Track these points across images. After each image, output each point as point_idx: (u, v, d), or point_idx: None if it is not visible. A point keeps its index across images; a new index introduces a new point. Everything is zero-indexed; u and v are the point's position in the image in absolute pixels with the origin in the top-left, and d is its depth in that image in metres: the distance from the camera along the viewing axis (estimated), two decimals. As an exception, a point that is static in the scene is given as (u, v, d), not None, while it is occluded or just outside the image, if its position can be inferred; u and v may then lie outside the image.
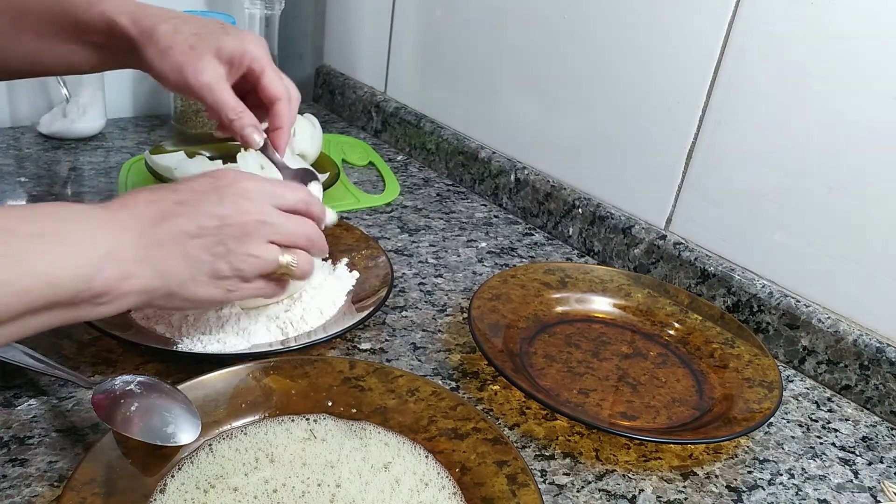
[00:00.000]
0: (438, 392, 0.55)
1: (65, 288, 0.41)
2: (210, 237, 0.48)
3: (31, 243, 0.40)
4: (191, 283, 0.48)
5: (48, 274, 0.40)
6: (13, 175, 0.85)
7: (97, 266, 0.42)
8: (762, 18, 0.69)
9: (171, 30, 0.57)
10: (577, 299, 0.73)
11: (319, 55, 1.26)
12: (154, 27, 0.57)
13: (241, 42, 0.59)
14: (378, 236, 0.84)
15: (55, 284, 0.40)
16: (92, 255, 0.42)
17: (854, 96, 0.64)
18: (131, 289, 0.45)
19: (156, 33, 0.57)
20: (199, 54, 0.57)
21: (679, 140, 0.77)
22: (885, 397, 0.66)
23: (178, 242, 0.47)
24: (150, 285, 0.46)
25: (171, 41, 0.57)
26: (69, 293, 0.41)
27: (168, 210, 0.47)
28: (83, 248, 0.42)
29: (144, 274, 0.45)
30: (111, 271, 0.43)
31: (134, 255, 0.45)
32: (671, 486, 0.54)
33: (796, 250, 0.71)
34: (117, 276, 0.43)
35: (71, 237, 0.42)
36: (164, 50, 0.57)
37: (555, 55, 0.87)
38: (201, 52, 0.57)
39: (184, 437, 0.47)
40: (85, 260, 0.42)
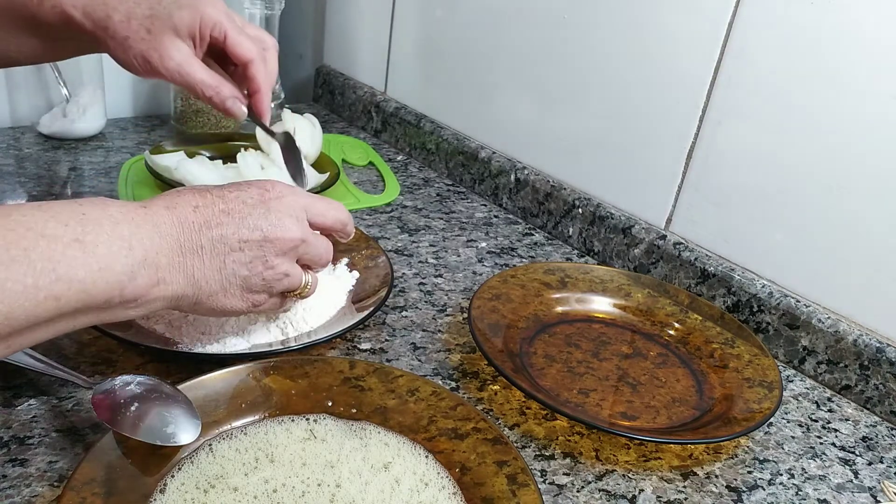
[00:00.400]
0: (438, 392, 0.55)
1: (97, 295, 0.41)
2: (249, 252, 0.49)
3: (70, 250, 0.39)
4: (221, 295, 0.49)
5: (82, 281, 0.40)
6: (13, 175, 0.85)
7: (131, 273, 0.42)
8: (762, 18, 0.69)
9: (125, 18, 0.55)
10: (577, 299, 0.73)
11: (319, 55, 1.26)
12: (108, 17, 0.55)
13: (195, 11, 0.57)
14: (378, 236, 0.84)
15: (87, 292, 0.40)
16: (127, 263, 0.42)
17: (854, 96, 0.64)
18: (162, 294, 0.45)
19: (110, 25, 0.55)
20: (158, 38, 0.55)
21: (679, 140, 0.77)
22: (885, 397, 0.66)
23: (217, 253, 0.47)
24: (181, 292, 0.46)
25: (127, 30, 0.55)
26: (101, 299, 0.41)
27: (213, 218, 0.47)
28: (119, 255, 0.42)
29: (177, 281, 0.46)
30: (144, 278, 0.43)
31: (169, 262, 0.45)
32: (671, 486, 0.54)
33: (796, 250, 0.71)
34: (150, 282, 0.44)
35: (109, 243, 0.41)
36: (122, 42, 0.55)
37: (555, 55, 0.87)
38: (159, 36, 0.55)
39: (184, 437, 0.47)
40: (120, 268, 0.41)
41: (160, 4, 0.56)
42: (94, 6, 0.55)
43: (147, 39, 0.55)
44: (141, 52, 0.55)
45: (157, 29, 0.55)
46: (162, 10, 0.56)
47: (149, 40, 0.55)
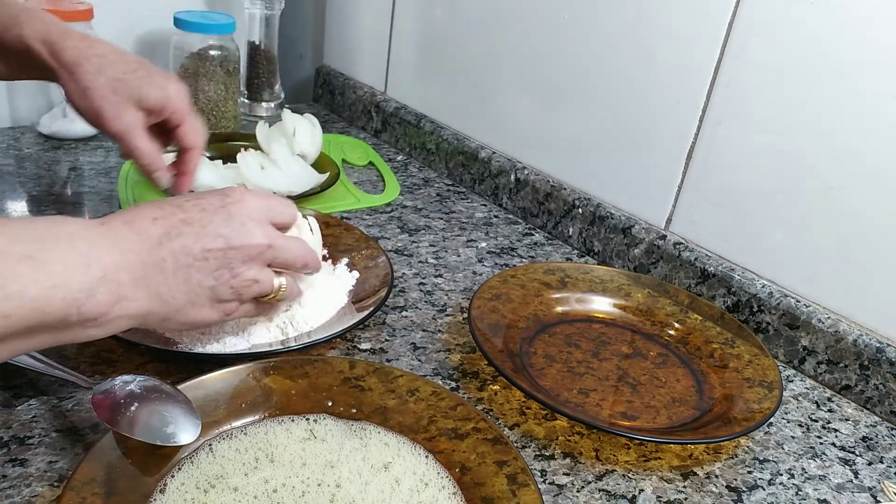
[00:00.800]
0: (438, 392, 0.55)
1: (52, 313, 0.39)
2: (214, 261, 0.47)
3: (21, 266, 0.38)
4: (189, 308, 0.47)
5: (34, 299, 0.38)
6: (13, 175, 0.85)
7: (88, 291, 0.41)
8: (762, 19, 0.69)
9: (95, 70, 0.57)
10: (577, 299, 0.73)
11: (319, 55, 1.26)
12: (76, 64, 0.56)
13: (164, 92, 0.60)
14: (378, 236, 0.84)
15: (41, 310, 0.38)
16: (83, 280, 0.40)
17: (854, 96, 0.64)
18: (125, 313, 0.43)
19: (77, 71, 0.56)
20: (119, 102, 0.57)
21: (679, 140, 0.77)
22: (885, 397, 0.66)
23: (180, 265, 0.46)
24: (145, 309, 0.45)
25: (93, 83, 0.56)
26: (56, 318, 0.40)
27: (173, 229, 0.46)
28: (75, 272, 0.40)
29: (141, 297, 0.44)
30: (104, 295, 0.41)
31: (131, 278, 0.43)
32: (671, 486, 0.54)
33: (796, 250, 0.71)
34: (110, 300, 0.42)
35: (64, 260, 0.40)
36: (83, 90, 0.57)
37: (555, 55, 0.87)
38: (121, 101, 0.58)
39: (184, 437, 0.47)
40: (76, 285, 0.40)
41: (133, 73, 0.58)
42: (62, 46, 0.56)
43: (108, 98, 0.57)
44: (97, 107, 0.57)
45: (123, 94, 0.57)
46: (133, 80, 0.58)
47: (110, 100, 0.57)
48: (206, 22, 0.96)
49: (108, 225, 0.44)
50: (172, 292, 0.46)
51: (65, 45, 0.56)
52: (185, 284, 0.46)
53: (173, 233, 0.46)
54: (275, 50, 1.13)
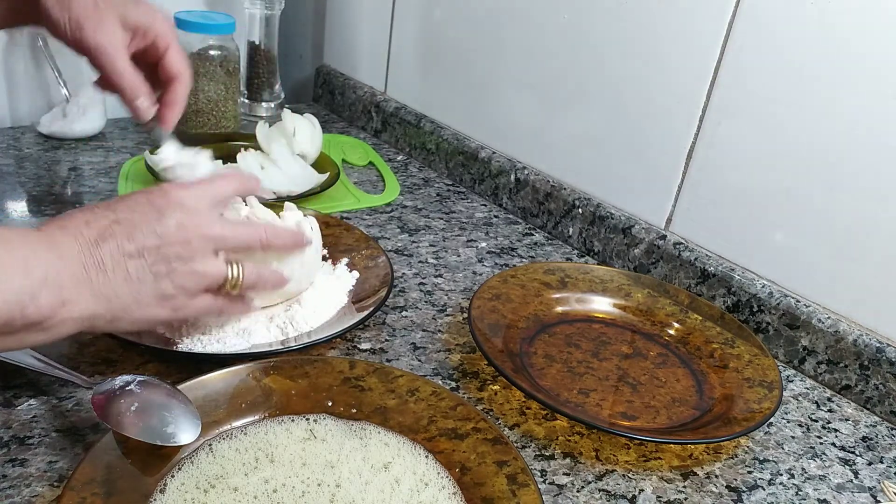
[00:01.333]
0: (438, 392, 0.55)
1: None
2: (150, 257, 0.47)
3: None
4: (135, 307, 0.47)
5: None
6: (13, 175, 0.85)
7: (30, 294, 0.40)
8: (762, 18, 0.69)
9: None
10: (577, 299, 0.73)
11: (319, 55, 1.26)
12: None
13: (150, 16, 0.57)
14: (378, 236, 0.84)
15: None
16: (24, 284, 0.40)
17: (854, 96, 0.64)
18: (70, 315, 0.43)
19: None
20: (103, 15, 0.54)
21: (679, 140, 0.77)
22: (885, 397, 0.66)
23: (118, 264, 0.46)
24: (91, 311, 0.45)
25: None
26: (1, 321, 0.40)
27: (106, 230, 0.46)
28: (15, 276, 0.40)
29: (84, 299, 0.44)
30: (47, 298, 0.41)
31: (72, 280, 0.43)
32: (671, 486, 0.54)
33: (796, 250, 0.71)
34: (54, 302, 0.42)
35: (3, 266, 0.40)
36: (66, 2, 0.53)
37: (555, 55, 0.87)
38: (105, 14, 0.54)
39: (184, 437, 0.47)
40: (17, 288, 0.40)
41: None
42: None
43: (90, 10, 0.54)
44: (77, 17, 0.54)
45: (106, 7, 0.54)
46: None
47: (92, 11, 0.54)
48: (206, 22, 0.96)
49: (44, 231, 0.44)
50: (116, 292, 0.46)
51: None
52: (126, 284, 0.46)
53: (107, 233, 0.46)
54: (275, 50, 1.13)
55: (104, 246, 0.45)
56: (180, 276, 0.48)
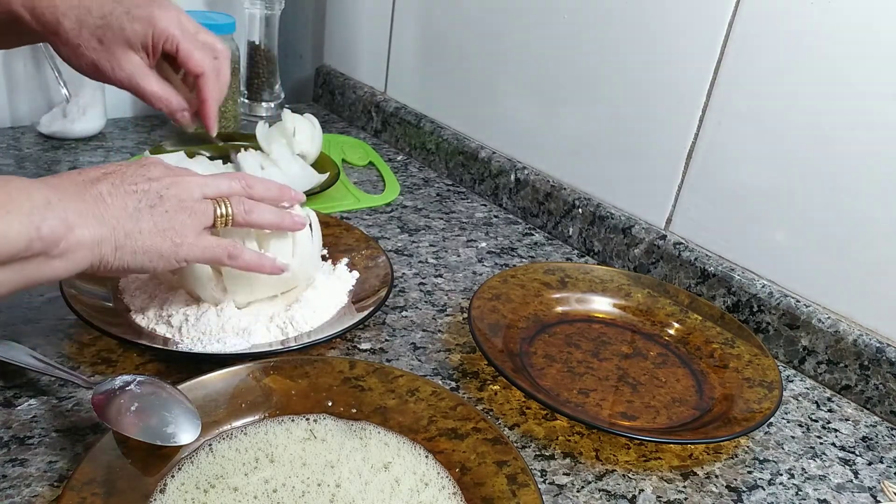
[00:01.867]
0: (438, 392, 0.55)
1: (15, 240, 0.40)
2: (143, 192, 0.49)
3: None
4: (137, 234, 0.48)
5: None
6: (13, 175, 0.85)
7: (41, 215, 0.42)
8: (762, 18, 0.69)
9: (75, 25, 0.54)
10: (577, 299, 0.73)
11: (319, 55, 1.26)
12: (58, 23, 0.54)
13: (147, 22, 0.56)
14: (378, 236, 0.84)
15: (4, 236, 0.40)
16: (31, 206, 0.42)
17: (854, 96, 0.64)
18: (80, 240, 0.44)
19: (61, 30, 0.54)
20: (110, 48, 0.55)
21: (679, 140, 0.77)
22: (885, 397, 0.66)
23: (115, 197, 0.48)
24: (98, 234, 0.46)
25: (78, 38, 0.55)
26: (21, 245, 0.41)
27: (98, 177, 0.48)
28: (22, 203, 0.41)
29: (90, 224, 0.45)
30: (55, 220, 0.43)
31: (76, 208, 0.45)
32: (671, 486, 0.54)
33: (796, 250, 0.71)
34: (63, 225, 0.43)
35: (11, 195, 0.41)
36: (74, 49, 0.55)
37: (555, 55, 0.87)
38: (112, 47, 0.55)
39: (184, 437, 0.47)
40: (28, 211, 0.41)
41: (112, 14, 0.55)
42: (42, 8, 0.54)
43: (98, 49, 0.55)
44: (92, 61, 0.55)
45: (109, 40, 0.55)
46: (114, 21, 0.55)
47: (100, 50, 0.55)
48: (206, 22, 0.96)
49: (41, 181, 0.45)
50: (117, 217, 0.47)
51: (42, 5, 0.54)
52: (125, 212, 0.48)
53: (99, 178, 0.48)
54: (275, 50, 1.13)
55: (99, 185, 0.47)
56: (172, 205, 0.50)
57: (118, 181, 0.48)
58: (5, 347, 0.54)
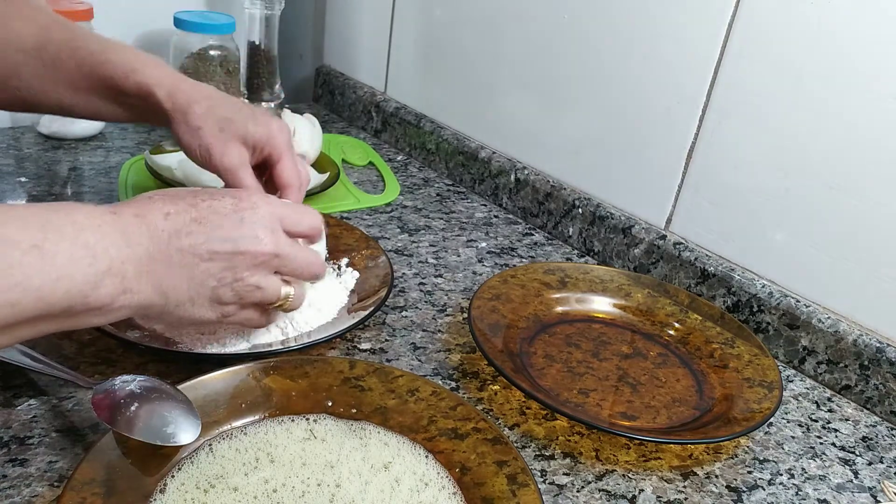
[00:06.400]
0: (438, 392, 0.55)
1: (56, 303, 0.40)
2: (219, 263, 0.48)
3: (29, 256, 0.38)
4: (188, 304, 0.48)
5: (39, 289, 0.38)
6: (13, 175, 0.85)
7: (94, 283, 0.41)
8: (762, 19, 0.69)
9: (205, 112, 0.58)
10: (577, 299, 0.73)
11: (319, 55, 1.26)
12: (189, 105, 0.58)
13: (268, 130, 0.61)
14: (378, 236, 0.84)
15: (46, 300, 0.39)
16: (89, 272, 0.41)
17: (854, 96, 0.64)
18: (128, 303, 0.44)
19: (189, 112, 0.58)
20: (227, 139, 0.59)
21: (679, 140, 0.77)
22: (885, 397, 0.66)
23: (186, 264, 0.47)
24: (147, 301, 0.45)
25: (203, 122, 0.58)
26: (61, 307, 0.40)
27: (183, 228, 0.47)
28: (82, 264, 0.41)
29: (144, 290, 0.45)
30: (109, 287, 0.42)
31: (136, 270, 0.44)
32: (671, 486, 0.54)
33: (796, 250, 0.71)
34: (115, 291, 0.43)
35: (71, 251, 0.40)
36: (194, 129, 0.58)
37: (555, 55, 0.87)
38: (228, 138, 0.59)
39: (184, 437, 0.47)
40: (82, 277, 0.41)
41: (239, 112, 0.60)
42: (178, 90, 0.58)
43: (217, 136, 0.58)
44: (207, 145, 0.58)
45: (230, 131, 0.59)
46: (239, 118, 0.60)
47: (218, 137, 0.58)
48: (206, 22, 0.96)
49: (118, 215, 0.44)
50: (175, 288, 0.46)
51: (180, 89, 0.58)
52: (188, 282, 0.47)
53: (183, 231, 0.46)
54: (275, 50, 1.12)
55: (177, 242, 0.46)
56: (242, 286, 0.50)
57: (200, 240, 0.47)
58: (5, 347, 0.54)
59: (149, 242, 0.45)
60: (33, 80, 0.59)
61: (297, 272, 0.54)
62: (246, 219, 0.49)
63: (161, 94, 0.58)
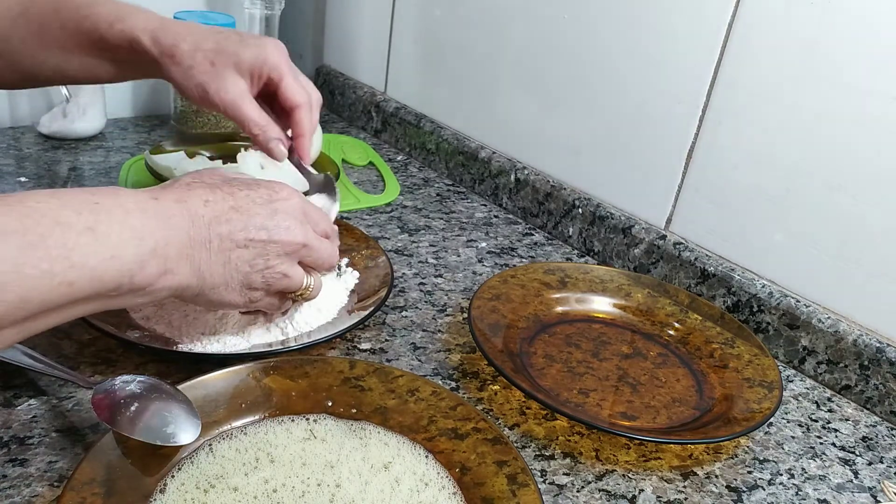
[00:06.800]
0: (438, 392, 0.55)
1: (108, 282, 0.42)
2: (254, 250, 0.50)
3: (84, 238, 0.40)
4: (222, 288, 0.50)
5: (94, 269, 0.41)
6: (13, 175, 0.85)
7: (141, 262, 0.43)
8: (762, 18, 0.69)
9: (192, 48, 0.57)
10: (577, 299, 0.73)
11: (319, 55, 1.26)
12: (175, 45, 0.57)
13: (261, 51, 0.59)
14: (378, 236, 0.84)
15: (99, 279, 0.41)
16: (137, 253, 0.43)
17: (854, 96, 0.64)
18: (169, 284, 0.46)
19: (177, 52, 0.57)
20: (220, 71, 0.58)
21: (679, 140, 0.77)
22: (885, 397, 0.66)
23: (223, 249, 0.49)
24: (186, 282, 0.47)
25: (192, 60, 0.57)
26: (111, 286, 0.42)
27: (222, 215, 0.49)
28: (130, 245, 0.43)
29: (184, 272, 0.47)
30: (153, 267, 0.44)
31: (178, 252, 0.46)
32: (671, 486, 0.54)
33: (796, 250, 0.71)
34: (158, 271, 0.45)
35: (120, 233, 0.42)
36: (186, 69, 0.58)
37: (555, 55, 0.87)
38: (221, 69, 0.58)
39: (184, 437, 0.47)
40: (131, 257, 0.43)
41: (227, 40, 0.59)
42: (163, 33, 0.58)
43: (209, 71, 0.58)
44: (201, 83, 0.58)
45: (221, 62, 0.58)
46: (228, 46, 0.58)
47: (211, 72, 0.58)
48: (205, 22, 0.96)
49: (160, 201, 0.46)
50: (211, 271, 0.48)
51: (164, 32, 0.57)
52: (224, 267, 0.49)
53: (223, 217, 0.49)
54: (275, 50, 1.12)
55: (217, 228, 0.48)
56: (272, 273, 0.52)
57: (238, 227, 0.49)
58: (5, 347, 0.54)
59: (189, 227, 0.47)
60: (23, 48, 0.58)
61: (320, 262, 0.56)
62: (279, 209, 0.51)
63: (146, 39, 0.57)
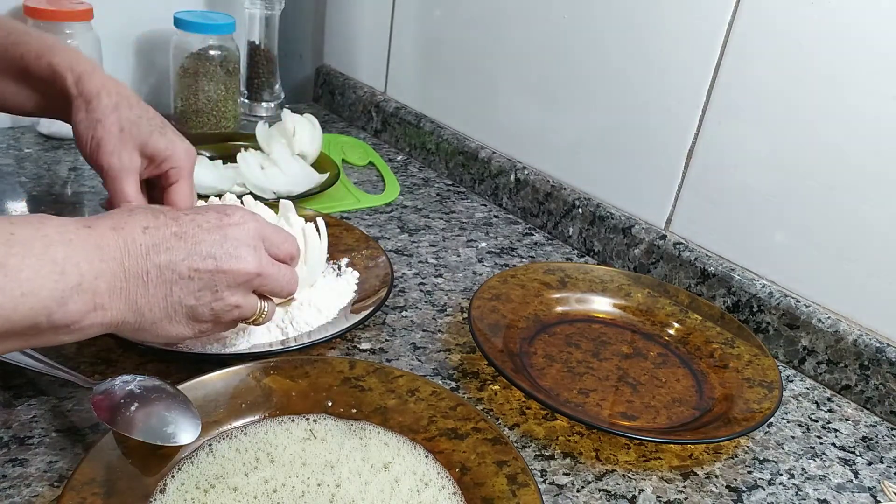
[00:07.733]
0: (438, 392, 0.55)
1: (18, 322, 0.38)
2: (199, 281, 0.46)
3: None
4: (165, 322, 0.46)
5: (2, 306, 0.37)
6: (13, 175, 0.85)
7: (60, 299, 0.39)
8: (762, 18, 0.69)
9: (111, 106, 0.56)
10: (577, 299, 0.73)
11: (319, 55, 1.26)
12: (97, 94, 0.55)
13: (173, 147, 0.58)
14: (378, 236, 0.84)
15: (7, 318, 0.38)
16: (55, 288, 0.39)
17: (854, 96, 0.64)
18: (100, 321, 0.42)
19: (94, 101, 0.55)
20: (124, 139, 0.56)
21: (679, 140, 0.77)
22: (885, 397, 0.66)
23: (164, 280, 0.45)
24: (120, 319, 0.44)
25: (104, 116, 0.55)
26: (24, 325, 0.39)
27: (163, 242, 0.45)
28: (48, 280, 0.39)
29: (117, 307, 0.43)
30: (78, 304, 0.40)
31: (109, 287, 0.42)
32: (671, 486, 0.54)
33: (796, 250, 0.71)
34: (85, 308, 0.41)
35: (37, 267, 0.39)
36: (93, 120, 0.55)
37: (555, 55, 0.87)
38: (127, 139, 0.56)
39: (184, 437, 0.47)
40: (46, 293, 0.39)
41: (149, 122, 0.57)
42: (90, 78, 0.56)
43: (114, 134, 0.56)
44: (100, 138, 0.56)
45: (129, 134, 0.56)
46: (144, 125, 0.57)
47: (115, 135, 0.56)
48: (206, 22, 0.96)
49: (93, 228, 0.43)
50: (150, 305, 0.45)
51: (91, 77, 0.56)
52: (165, 300, 0.45)
53: (162, 246, 0.45)
54: (275, 50, 1.13)
55: (155, 258, 0.44)
56: (221, 306, 0.48)
57: (180, 257, 0.45)
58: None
59: (124, 257, 0.43)
60: None
61: (276, 291, 0.52)
62: (229, 235, 0.48)
63: (70, 78, 0.55)
